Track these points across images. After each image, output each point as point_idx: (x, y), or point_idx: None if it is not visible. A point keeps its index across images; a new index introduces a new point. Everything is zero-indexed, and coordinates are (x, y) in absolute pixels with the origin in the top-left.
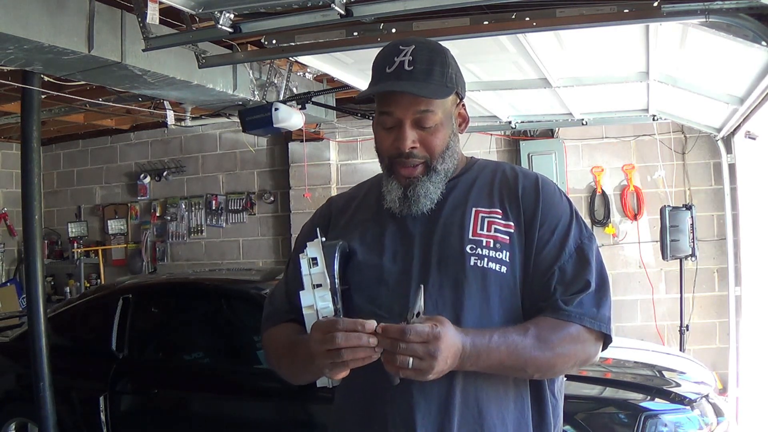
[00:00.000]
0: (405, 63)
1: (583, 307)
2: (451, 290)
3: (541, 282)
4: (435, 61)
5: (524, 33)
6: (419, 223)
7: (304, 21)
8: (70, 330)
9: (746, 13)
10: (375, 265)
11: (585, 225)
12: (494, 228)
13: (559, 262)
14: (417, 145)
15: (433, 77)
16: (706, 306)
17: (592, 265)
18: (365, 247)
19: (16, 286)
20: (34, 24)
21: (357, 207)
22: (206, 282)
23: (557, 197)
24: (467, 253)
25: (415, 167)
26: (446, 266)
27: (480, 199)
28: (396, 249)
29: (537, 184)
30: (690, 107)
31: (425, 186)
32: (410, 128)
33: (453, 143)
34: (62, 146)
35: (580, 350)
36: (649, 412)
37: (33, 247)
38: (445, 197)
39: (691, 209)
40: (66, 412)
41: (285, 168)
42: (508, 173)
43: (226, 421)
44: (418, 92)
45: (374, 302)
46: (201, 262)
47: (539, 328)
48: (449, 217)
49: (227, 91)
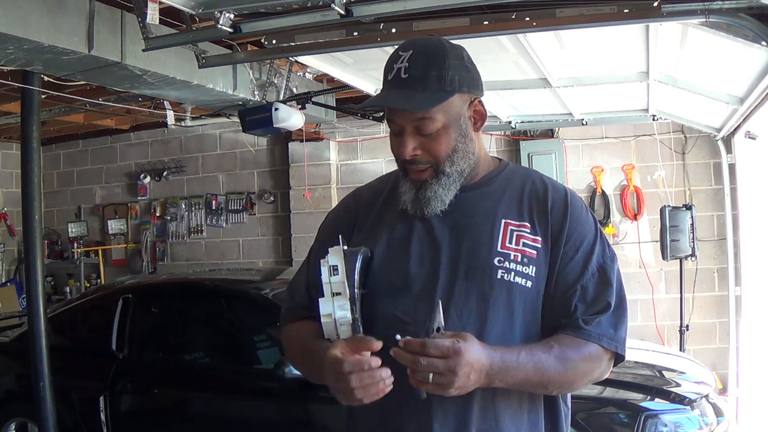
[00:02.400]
0: (401, 70)
1: (602, 327)
2: (476, 301)
3: (563, 298)
4: (431, 66)
5: (524, 33)
6: (448, 229)
7: (304, 21)
8: (70, 330)
9: (746, 13)
10: (400, 269)
11: (608, 244)
12: (522, 242)
13: (582, 280)
14: (419, 152)
15: (428, 84)
16: (706, 306)
17: (613, 285)
18: (391, 249)
19: (16, 286)
20: (34, 24)
21: (383, 203)
22: (206, 282)
23: (584, 215)
24: (495, 265)
25: (423, 171)
26: (473, 277)
27: (510, 210)
28: (422, 254)
29: (566, 199)
30: (690, 107)
31: (433, 189)
32: (411, 135)
33: (462, 145)
34: (62, 146)
35: (596, 369)
36: (649, 412)
37: (33, 247)
38: (476, 204)
39: (691, 209)
40: (66, 412)
41: (285, 168)
42: (538, 185)
43: (226, 421)
44: (403, 106)
45: (398, 308)
46: (201, 262)
47: (562, 346)
48: (479, 226)
49: (227, 91)
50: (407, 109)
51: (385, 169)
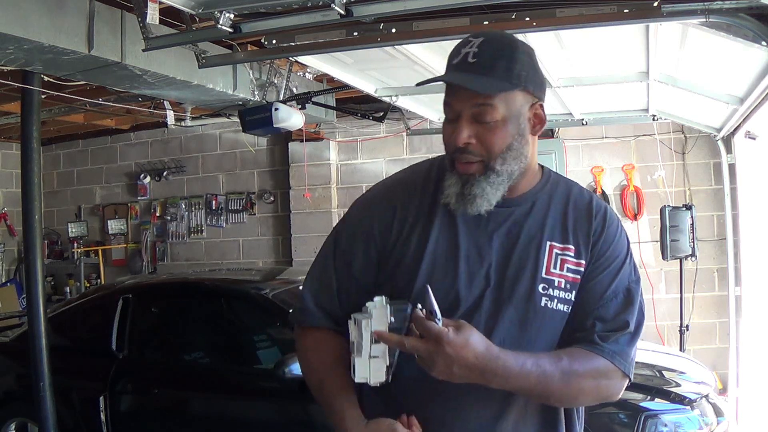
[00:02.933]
0: (469, 55)
1: (617, 345)
2: (518, 328)
3: (583, 313)
4: (501, 56)
5: (524, 33)
6: (495, 248)
7: (304, 21)
8: (70, 330)
9: (746, 13)
10: (449, 289)
11: (635, 266)
12: (566, 267)
13: (604, 298)
14: (473, 141)
15: (495, 71)
16: (706, 306)
17: (635, 308)
18: (439, 265)
19: (16, 286)
20: (34, 24)
21: (420, 205)
22: (206, 282)
23: (619, 235)
24: (539, 293)
25: (471, 164)
26: (517, 303)
27: (555, 230)
28: (470, 273)
29: (605, 219)
30: (690, 107)
31: (481, 186)
32: (467, 122)
33: (518, 144)
34: (62, 146)
35: (603, 386)
36: (649, 412)
37: (33, 247)
38: (523, 222)
39: (691, 209)
40: (66, 412)
41: (285, 168)
42: (580, 202)
43: (226, 421)
44: (470, 85)
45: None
46: (201, 262)
47: (571, 360)
48: (525, 248)
49: (227, 91)
50: (472, 88)
51: (385, 169)
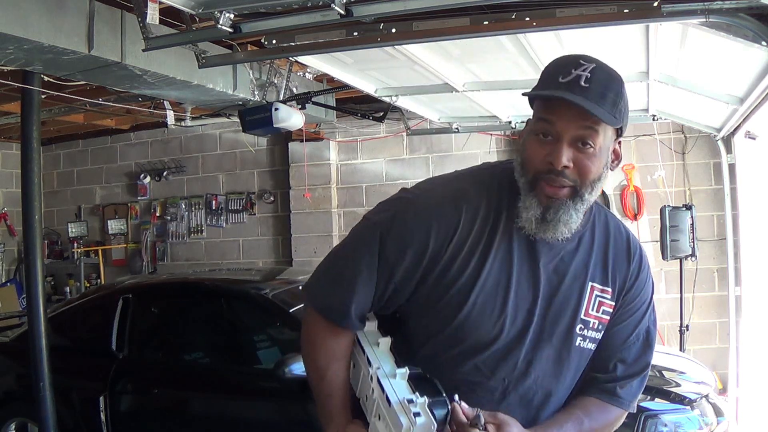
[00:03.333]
0: (582, 78)
1: (632, 390)
2: (553, 365)
3: (606, 353)
4: (612, 88)
5: (524, 33)
6: (543, 282)
7: (304, 21)
8: (70, 330)
9: (746, 13)
10: (495, 322)
11: (654, 307)
12: (602, 309)
13: (628, 343)
14: (571, 165)
15: (606, 102)
16: (706, 306)
17: (653, 350)
18: (489, 296)
19: (16, 286)
20: (34, 24)
21: (482, 225)
22: (206, 282)
23: (648, 278)
24: (576, 333)
25: (563, 188)
26: (556, 341)
27: (596, 271)
28: (517, 309)
29: (641, 263)
30: (690, 107)
31: (569, 212)
32: (569, 145)
33: (604, 175)
34: (62, 146)
35: (612, 429)
36: (649, 412)
37: (33, 247)
38: (571, 258)
39: (691, 209)
40: (66, 412)
41: (285, 168)
42: (620, 242)
43: (226, 421)
44: (591, 109)
45: (480, 358)
46: (201, 262)
47: (590, 419)
48: (570, 287)
49: (227, 91)
50: (596, 114)
51: (385, 169)
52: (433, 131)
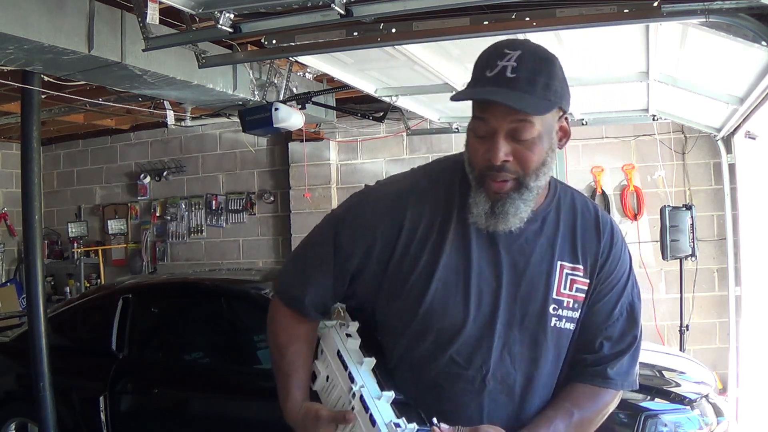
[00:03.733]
0: (508, 69)
1: (623, 368)
2: (529, 349)
3: (590, 333)
4: (541, 71)
5: (524, 33)
6: (507, 266)
7: (304, 21)
8: (70, 330)
9: (746, 13)
10: (459, 308)
11: (636, 280)
12: (575, 287)
13: (611, 319)
14: (510, 158)
15: (536, 89)
16: (706, 306)
17: (639, 324)
18: (449, 282)
19: (16, 286)
20: (34, 24)
21: (432, 217)
22: (206, 282)
23: (624, 253)
24: (550, 314)
25: (506, 182)
26: (529, 324)
27: (564, 250)
28: (481, 293)
29: (612, 237)
30: (690, 107)
31: (515, 204)
32: (504, 140)
33: (549, 159)
34: (62, 146)
35: (609, 411)
36: (649, 412)
37: (33, 247)
38: (535, 240)
39: (691, 209)
40: (66, 412)
41: (285, 168)
42: (588, 218)
43: (226, 421)
44: (516, 105)
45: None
46: (201, 262)
47: (580, 410)
48: (537, 268)
49: (227, 91)
50: (520, 109)
51: (385, 168)
52: (433, 131)
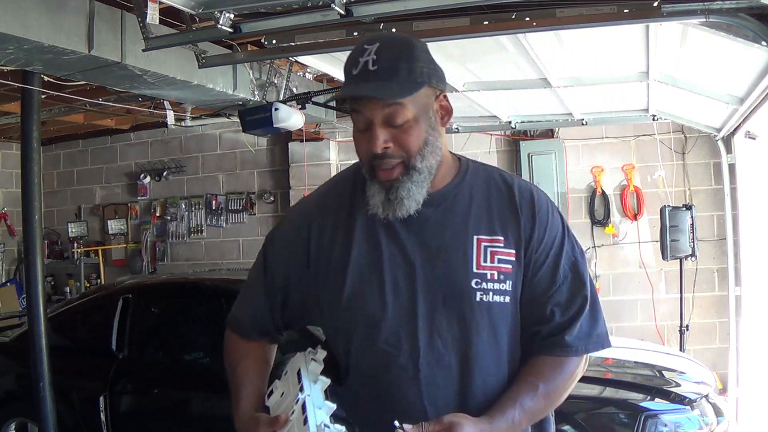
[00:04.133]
0: (369, 63)
1: (582, 331)
2: (458, 328)
3: (538, 304)
4: (400, 58)
5: (524, 33)
6: (419, 250)
7: (304, 21)
8: (70, 330)
9: (746, 13)
10: (376, 298)
11: (575, 239)
12: (497, 258)
13: (556, 284)
14: (390, 145)
15: (398, 75)
16: (706, 306)
17: (587, 282)
18: (363, 275)
19: (16, 286)
20: (34, 24)
21: (337, 216)
22: (206, 282)
23: (551, 214)
24: (473, 288)
25: (393, 169)
26: (452, 304)
27: (480, 224)
28: (396, 280)
29: (533, 202)
30: (690, 107)
31: (406, 187)
32: (381, 128)
33: (432, 138)
34: (62, 146)
35: (576, 376)
36: (649, 412)
37: (33, 247)
38: (445, 220)
39: (691, 209)
40: (66, 412)
41: (285, 168)
42: (503, 188)
43: (226, 421)
44: (377, 93)
45: (380, 339)
46: (201, 262)
47: (545, 382)
48: (451, 245)
49: (227, 91)
50: (382, 96)
51: None
52: None
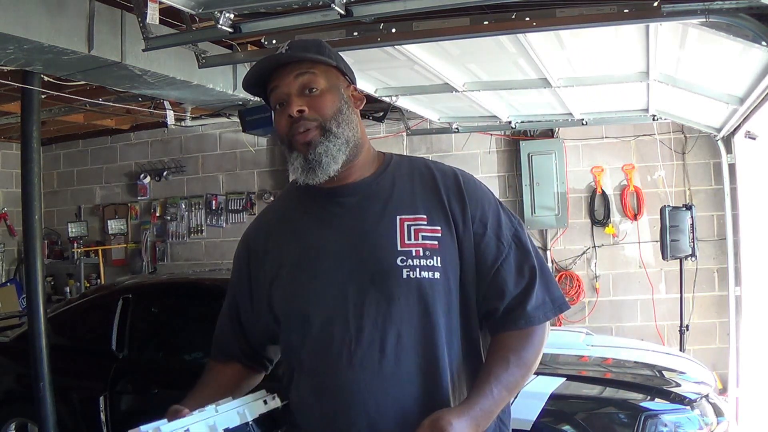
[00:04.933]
0: (282, 49)
1: (539, 299)
2: (388, 306)
3: (489, 279)
4: (310, 46)
5: (524, 33)
6: (344, 236)
7: (304, 21)
8: (70, 330)
9: (746, 13)
10: (309, 291)
11: (511, 212)
12: (421, 236)
13: (501, 254)
14: (305, 108)
15: (309, 51)
16: (706, 306)
17: (531, 250)
18: (294, 271)
19: (16, 286)
20: (34, 24)
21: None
22: (206, 282)
23: (480, 191)
24: (398, 266)
25: (309, 131)
26: (380, 283)
27: (402, 205)
28: (326, 271)
29: (458, 180)
30: (690, 107)
31: (324, 145)
32: (297, 96)
33: (347, 111)
34: (62, 146)
35: (543, 344)
36: (649, 412)
37: (33, 247)
38: (367, 206)
39: (691, 209)
40: (66, 412)
41: (285, 168)
42: (425, 173)
43: None
44: (294, 56)
45: (312, 328)
46: (201, 262)
47: (516, 353)
48: (374, 228)
49: (227, 91)
50: (297, 56)
51: None
52: (433, 131)
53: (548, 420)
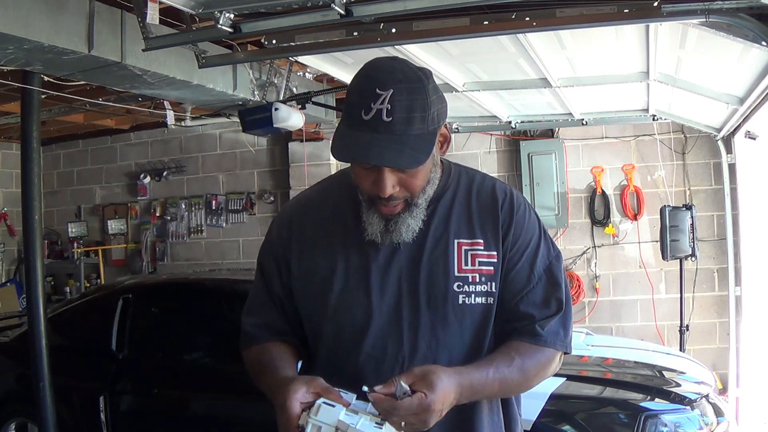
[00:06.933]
0: (383, 113)
1: (552, 329)
2: (441, 329)
3: (513, 303)
4: (415, 107)
5: (524, 33)
6: (403, 255)
7: (304, 21)
8: (70, 330)
9: (746, 13)
10: (362, 303)
11: (553, 243)
12: (478, 261)
13: (529, 285)
14: (397, 188)
15: (413, 127)
16: (706, 306)
17: (562, 285)
18: (350, 280)
19: (16, 286)
20: (34, 24)
21: (324, 222)
22: (206, 282)
23: (528, 217)
24: (455, 291)
25: (396, 206)
26: (435, 306)
27: (461, 228)
28: (383, 285)
29: (512, 205)
30: (690, 107)
31: (406, 221)
32: (390, 172)
33: (434, 174)
34: (62, 146)
35: (549, 370)
36: (649, 412)
37: (33, 247)
38: (427, 224)
39: (691, 209)
40: (66, 412)
41: (285, 168)
42: (484, 194)
43: (226, 421)
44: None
45: (367, 343)
46: (201, 262)
47: (522, 357)
48: (433, 251)
49: (227, 91)
50: (403, 167)
51: None
52: None
53: (548, 420)
